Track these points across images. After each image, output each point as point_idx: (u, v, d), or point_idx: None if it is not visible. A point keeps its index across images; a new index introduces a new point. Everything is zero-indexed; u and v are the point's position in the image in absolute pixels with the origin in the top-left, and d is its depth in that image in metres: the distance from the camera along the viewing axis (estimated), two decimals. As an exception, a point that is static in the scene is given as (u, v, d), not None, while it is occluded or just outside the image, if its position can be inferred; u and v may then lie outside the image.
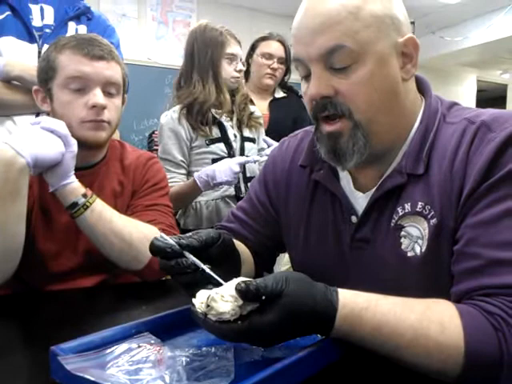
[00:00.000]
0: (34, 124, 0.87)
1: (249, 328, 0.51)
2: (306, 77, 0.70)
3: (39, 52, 1.35)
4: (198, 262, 0.60)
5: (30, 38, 1.34)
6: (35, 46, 1.34)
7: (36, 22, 1.36)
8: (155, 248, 0.61)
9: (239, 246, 0.81)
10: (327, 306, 0.54)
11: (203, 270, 0.60)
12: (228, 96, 1.65)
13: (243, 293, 0.50)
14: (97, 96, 0.94)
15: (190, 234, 0.64)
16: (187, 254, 0.61)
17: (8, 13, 1.32)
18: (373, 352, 0.56)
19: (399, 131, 0.70)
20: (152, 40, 4.12)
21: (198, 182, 1.49)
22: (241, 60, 1.69)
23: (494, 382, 0.53)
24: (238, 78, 1.69)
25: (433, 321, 0.55)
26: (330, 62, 0.65)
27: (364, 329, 0.55)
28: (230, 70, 1.65)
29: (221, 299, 0.52)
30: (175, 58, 4.07)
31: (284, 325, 0.52)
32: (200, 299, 0.54)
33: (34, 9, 1.36)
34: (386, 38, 0.65)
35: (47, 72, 0.96)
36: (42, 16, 1.37)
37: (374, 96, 0.65)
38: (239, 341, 0.54)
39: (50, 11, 1.39)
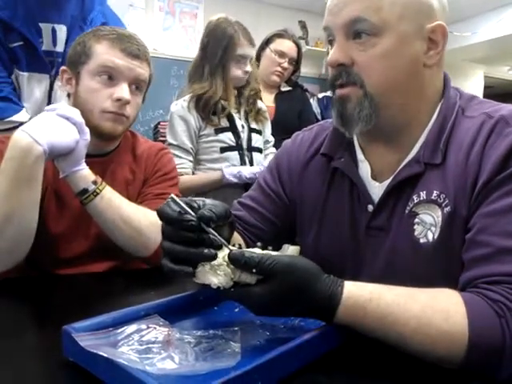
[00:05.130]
0: (49, 110, 0.88)
1: (239, 296, 0.57)
2: (331, 42, 0.72)
3: (51, 83, 1.35)
4: (223, 240, 0.58)
5: (41, 66, 1.33)
6: (46, 77, 1.33)
7: (47, 45, 1.35)
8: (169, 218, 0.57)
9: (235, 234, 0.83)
10: (330, 298, 0.56)
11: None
12: (233, 95, 1.70)
13: (233, 259, 0.55)
14: (123, 90, 0.97)
15: (204, 202, 0.60)
16: (211, 230, 0.57)
17: (21, 43, 1.32)
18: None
19: (415, 115, 0.72)
20: (159, 31, 4.10)
21: (228, 179, 1.62)
22: (250, 60, 1.72)
23: (496, 368, 0.54)
24: (244, 78, 1.73)
25: (437, 310, 0.56)
26: (352, 32, 0.68)
27: (367, 320, 0.57)
28: (237, 72, 1.69)
29: (213, 271, 0.56)
30: (181, 49, 4.06)
31: (270, 302, 0.56)
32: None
33: (45, 30, 1.35)
34: (412, 21, 0.67)
35: (80, 56, 0.99)
36: (53, 41, 1.35)
37: (390, 72, 0.68)
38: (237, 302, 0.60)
39: (62, 33, 1.37)
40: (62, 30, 1.38)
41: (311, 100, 2.36)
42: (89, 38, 1.00)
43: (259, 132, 1.81)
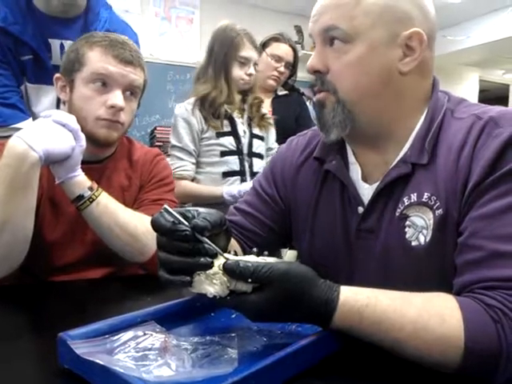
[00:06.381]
0: (45, 117, 0.88)
1: (235, 305, 0.57)
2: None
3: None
4: (218, 249, 0.58)
5: (49, 79, 1.35)
6: (54, 89, 1.35)
7: (55, 59, 1.36)
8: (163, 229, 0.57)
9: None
10: (326, 304, 0.56)
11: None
12: (237, 96, 1.71)
13: (228, 270, 0.55)
14: (117, 97, 0.97)
15: (198, 211, 0.60)
16: (205, 239, 0.57)
17: (30, 56, 1.34)
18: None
19: (395, 121, 0.72)
20: (155, 36, 4.10)
21: (226, 199, 1.61)
22: (255, 64, 1.72)
23: (492, 373, 0.54)
24: (249, 80, 1.73)
25: (432, 314, 0.56)
26: (327, 39, 0.70)
27: (363, 325, 0.56)
28: (239, 73, 1.70)
29: (209, 280, 0.56)
30: (178, 54, 4.07)
31: (267, 310, 0.55)
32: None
33: (54, 45, 1.37)
34: (386, 28, 0.68)
35: (74, 64, 0.99)
36: (61, 55, 1.35)
37: (361, 79, 0.69)
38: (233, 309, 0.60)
39: None
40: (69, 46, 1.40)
41: (308, 103, 2.36)
42: (81, 45, 1.00)
43: (261, 138, 1.81)
